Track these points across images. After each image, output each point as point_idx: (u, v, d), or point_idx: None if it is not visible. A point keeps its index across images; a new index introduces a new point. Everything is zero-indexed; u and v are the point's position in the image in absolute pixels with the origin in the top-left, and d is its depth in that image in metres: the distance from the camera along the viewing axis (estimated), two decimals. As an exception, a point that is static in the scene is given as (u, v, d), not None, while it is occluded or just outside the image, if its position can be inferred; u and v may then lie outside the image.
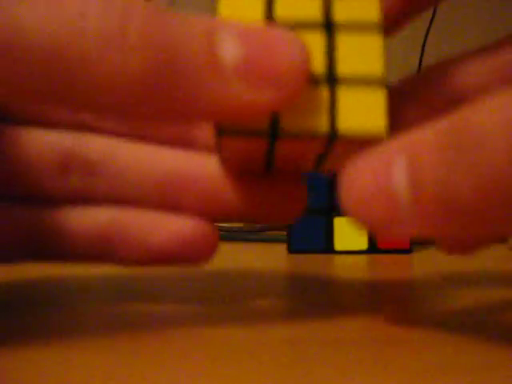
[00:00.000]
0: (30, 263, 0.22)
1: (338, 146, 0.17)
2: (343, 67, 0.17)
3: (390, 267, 0.32)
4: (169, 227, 0.20)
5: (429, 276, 0.28)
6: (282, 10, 0.17)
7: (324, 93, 0.17)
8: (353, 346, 0.17)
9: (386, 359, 0.16)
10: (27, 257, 0.21)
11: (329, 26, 0.17)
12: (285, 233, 0.39)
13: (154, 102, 0.15)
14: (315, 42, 0.17)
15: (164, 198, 0.21)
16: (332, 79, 0.17)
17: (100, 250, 0.21)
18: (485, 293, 0.24)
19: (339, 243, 0.37)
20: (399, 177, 0.15)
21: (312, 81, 0.17)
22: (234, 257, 0.37)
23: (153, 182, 0.21)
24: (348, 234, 0.37)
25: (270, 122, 0.17)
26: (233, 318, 0.20)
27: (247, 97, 0.15)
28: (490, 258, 0.34)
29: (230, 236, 0.46)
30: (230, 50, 0.15)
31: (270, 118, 0.17)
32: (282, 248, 0.39)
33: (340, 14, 0.18)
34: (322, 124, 0.17)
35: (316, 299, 0.24)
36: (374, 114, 0.17)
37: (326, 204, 0.37)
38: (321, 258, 0.36)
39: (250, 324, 0.19)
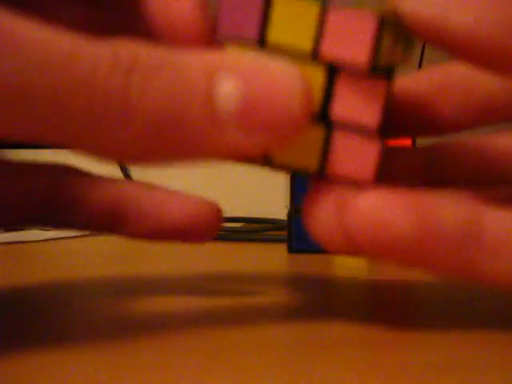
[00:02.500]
0: (40, 227, 0.23)
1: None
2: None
3: (390, 267, 0.32)
4: (182, 204, 0.21)
5: (429, 276, 0.28)
6: (274, 35, 0.17)
7: (317, 131, 0.17)
8: (352, 346, 0.17)
9: (385, 359, 0.16)
10: (38, 222, 0.22)
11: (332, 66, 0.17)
12: (285, 233, 0.39)
13: (152, 151, 0.16)
14: (316, 77, 0.17)
15: None
16: (327, 120, 0.17)
17: (112, 220, 0.22)
18: (485, 293, 0.24)
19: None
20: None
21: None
22: (234, 257, 0.37)
23: None
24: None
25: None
26: (233, 317, 0.20)
27: (243, 142, 0.16)
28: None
29: (229, 236, 0.46)
30: (227, 99, 0.15)
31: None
32: (282, 248, 0.39)
33: None
34: (311, 162, 0.17)
35: (316, 299, 0.24)
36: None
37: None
38: (321, 257, 0.36)
39: (249, 324, 0.19)
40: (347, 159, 0.17)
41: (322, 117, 0.17)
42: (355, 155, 0.17)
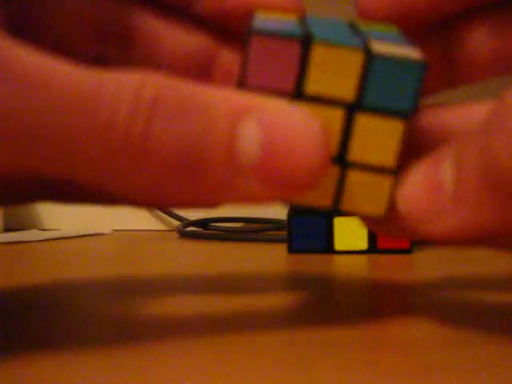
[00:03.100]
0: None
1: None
2: (357, 152, 0.17)
3: (390, 267, 0.32)
4: None
5: (429, 276, 0.28)
6: (313, 85, 0.16)
7: (333, 171, 0.17)
8: (352, 346, 0.17)
9: (385, 359, 0.16)
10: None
11: (353, 109, 0.17)
12: (285, 233, 0.39)
13: (167, 193, 0.16)
14: (335, 121, 0.17)
15: None
16: (344, 162, 0.17)
17: None
18: (484, 292, 0.24)
19: (339, 243, 0.37)
20: (445, 168, 0.16)
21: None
22: (234, 257, 0.37)
23: None
24: (348, 234, 0.37)
25: None
26: (233, 317, 0.20)
27: (260, 193, 0.15)
28: (489, 259, 0.34)
29: (229, 236, 0.46)
30: (248, 150, 0.15)
31: None
32: (282, 248, 0.39)
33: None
34: (326, 199, 0.17)
35: (316, 299, 0.24)
36: (377, 199, 0.17)
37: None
38: (321, 257, 0.36)
39: (250, 324, 0.19)
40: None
41: (339, 158, 0.17)
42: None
